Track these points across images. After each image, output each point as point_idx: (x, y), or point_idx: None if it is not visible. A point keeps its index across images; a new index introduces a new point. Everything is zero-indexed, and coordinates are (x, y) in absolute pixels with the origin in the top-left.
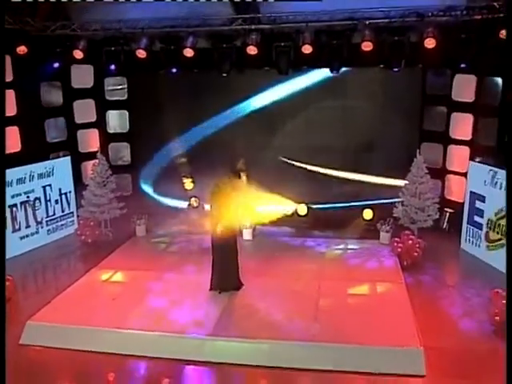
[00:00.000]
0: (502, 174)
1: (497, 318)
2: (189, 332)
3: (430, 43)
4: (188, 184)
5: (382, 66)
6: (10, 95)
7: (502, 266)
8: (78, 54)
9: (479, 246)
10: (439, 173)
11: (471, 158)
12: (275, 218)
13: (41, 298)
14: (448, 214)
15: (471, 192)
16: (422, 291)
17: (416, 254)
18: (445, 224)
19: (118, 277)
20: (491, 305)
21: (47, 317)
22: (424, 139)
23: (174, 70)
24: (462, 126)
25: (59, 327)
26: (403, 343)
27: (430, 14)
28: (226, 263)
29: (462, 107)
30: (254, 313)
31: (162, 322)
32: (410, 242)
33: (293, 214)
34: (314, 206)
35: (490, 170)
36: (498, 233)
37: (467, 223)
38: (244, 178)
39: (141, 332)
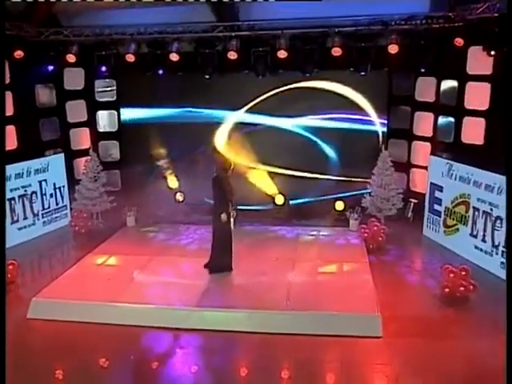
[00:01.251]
0: (456, 167)
1: (446, 289)
2: (178, 304)
3: (393, 49)
4: (172, 182)
5: (351, 69)
6: (8, 96)
7: (455, 248)
8: (71, 58)
9: (438, 231)
10: (405, 167)
11: (432, 153)
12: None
13: (41, 281)
14: (412, 204)
15: (431, 183)
16: (383, 269)
17: (381, 238)
18: (409, 213)
19: (112, 261)
20: (442, 279)
21: (49, 294)
22: (391, 136)
23: (161, 72)
24: (425, 124)
25: (61, 302)
26: (364, 311)
27: (393, 23)
28: (224, 247)
29: (424, 107)
30: (235, 288)
31: (153, 296)
32: (376, 228)
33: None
34: (291, 202)
35: (447, 163)
36: (453, 219)
37: (428, 211)
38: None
39: (134, 305)
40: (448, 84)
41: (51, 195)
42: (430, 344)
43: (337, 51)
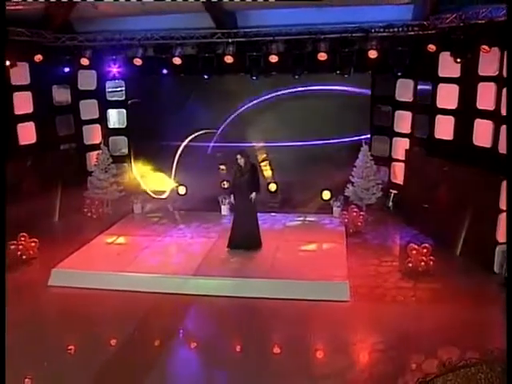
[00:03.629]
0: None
1: (409, 264)
2: (176, 273)
3: (372, 54)
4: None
5: (337, 72)
6: (28, 96)
7: None
8: (85, 61)
9: None
10: (386, 160)
11: (410, 148)
12: None
13: (58, 257)
14: (393, 194)
15: None
16: (359, 249)
17: (359, 223)
18: (390, 203)
19: (121, 240)
20: (406, 255)
21: (67, 266)
22: (374, 133)
23: (165, 72)
24: (404, 121)
25: (77, 272)
26: (334, 279)
27: (373, 31)
28: (243, 226)
29: (404, 106)
30: (225, 261)
31: (156, 267)
32: (355, 214)
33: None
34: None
35: None
36: None
37: None
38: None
39: (140, 274)
40: (423, 85)
41: None
42: (388, 306)
43: (322, 56)
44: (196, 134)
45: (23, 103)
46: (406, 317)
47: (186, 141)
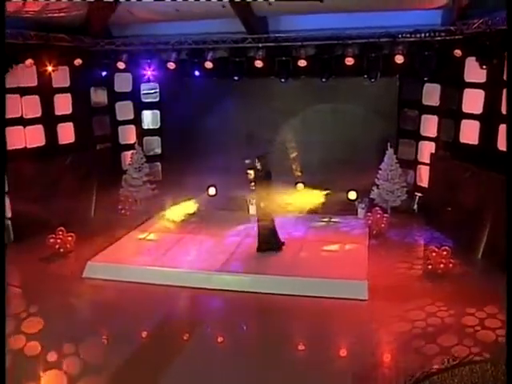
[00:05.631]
0: None
1: (429, 266)
2: (202, 269)
3: (399, 59)
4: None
5: (365, 76)
6: (67, 97)
7: None
8: (121, 65)
9: None
10: (412, 164)
11: (435, 152)
12: None
13: (93, 251)
14: (418, 197)
15: None
16: (380, 250)
17: (383, 225)
18: (415, 205)
19: (151, 236)
20: (426, 257)
21: (101, 259)
22: (400, 136)
23: (197, 74)
24: (430, 125)
25: (110, 265)
26: (354, 278)
27: (399, 36)
28: (264, 231)
29: (430, 110)
30: (250, 258)
31: (184, 262)
32: (378, 215)
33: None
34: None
35: None
36: None
37: None
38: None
39: (168, 269)
40: (450, 90)
41: None
42: (405, 306)
43: (349, 60)
44: None
45: (63, 105)
46: (422, 316)
47: None
